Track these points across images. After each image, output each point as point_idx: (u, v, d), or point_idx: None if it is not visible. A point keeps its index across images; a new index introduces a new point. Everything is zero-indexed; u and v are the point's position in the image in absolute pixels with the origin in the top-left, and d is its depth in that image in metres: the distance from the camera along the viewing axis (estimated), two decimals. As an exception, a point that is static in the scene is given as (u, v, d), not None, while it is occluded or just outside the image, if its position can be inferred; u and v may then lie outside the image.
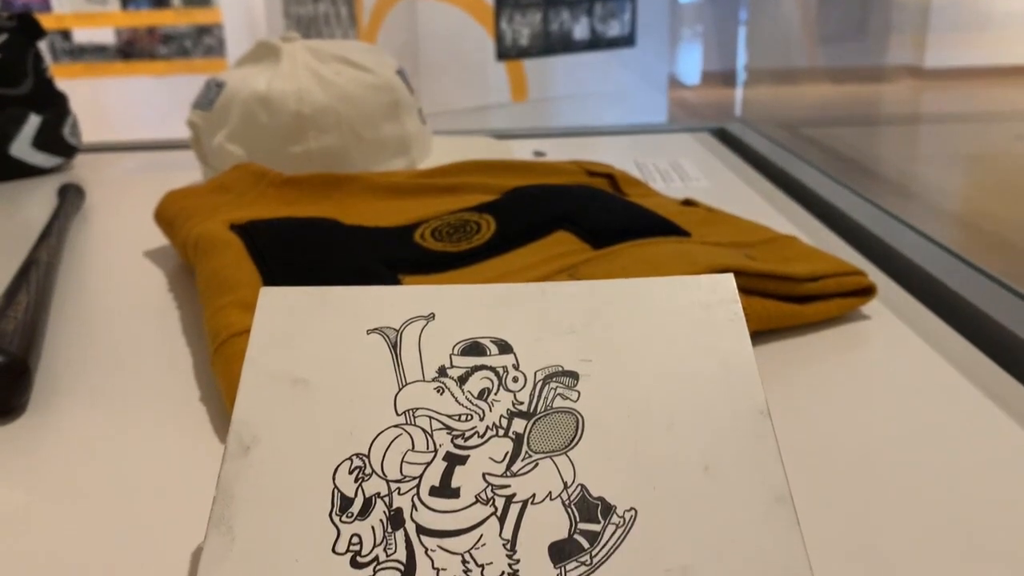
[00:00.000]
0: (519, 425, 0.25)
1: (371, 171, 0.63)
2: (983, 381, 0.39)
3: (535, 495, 0.24)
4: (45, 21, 0.85)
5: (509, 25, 1.71)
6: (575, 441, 0.25)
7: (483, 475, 0.24)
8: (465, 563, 0.23)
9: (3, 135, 0.80)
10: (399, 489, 0.24)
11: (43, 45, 0.85)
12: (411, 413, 0.26)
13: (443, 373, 0.26)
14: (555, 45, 1.77)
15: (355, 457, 0.25)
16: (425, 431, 0.25)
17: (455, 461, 0.25)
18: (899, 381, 0.39)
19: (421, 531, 0.23)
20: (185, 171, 0.79)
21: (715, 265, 0.41)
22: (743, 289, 0.41)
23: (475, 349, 0.27)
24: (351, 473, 0.24)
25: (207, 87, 0.69)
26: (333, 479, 0.24)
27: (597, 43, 1.83)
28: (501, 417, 0.25)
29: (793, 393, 0.38)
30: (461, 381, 0.26)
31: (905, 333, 0.44)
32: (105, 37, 2.11)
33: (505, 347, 0.27)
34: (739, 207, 0.62)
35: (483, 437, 0.25)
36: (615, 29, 1.84)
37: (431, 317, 0.28)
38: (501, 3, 1.67)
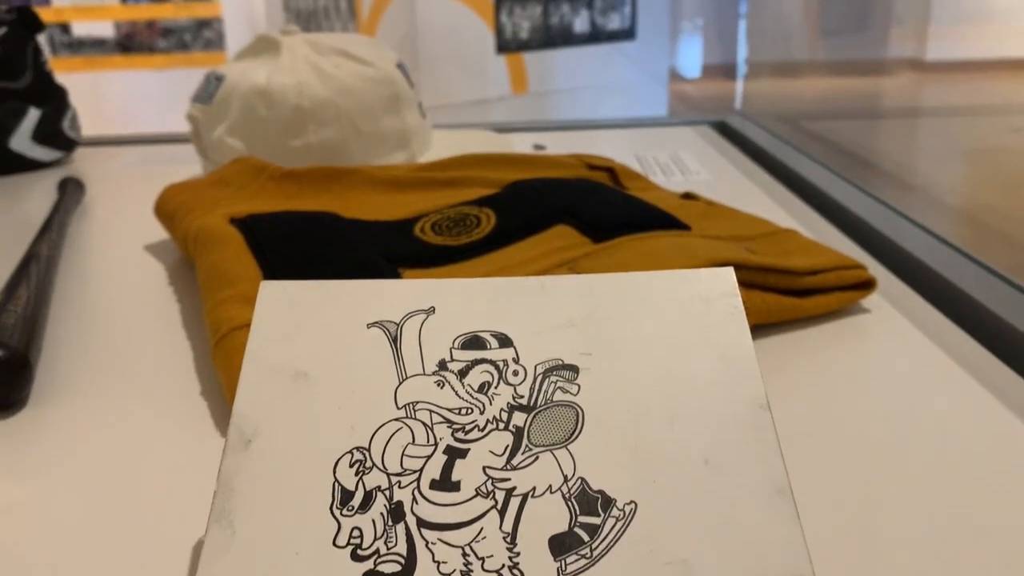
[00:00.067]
0: (519, 418, 0.25)
1: (371, 165, 0.63)
2: (983, 374, 0.39)
3: (535, 488, 0.24)
4: (44, 14, 0.85)
5: (509, 18, 1.71)
6: (575, 434, 0.25)
7: (483, 468, 0.24)
8: (465, 556, 0.23)
9: (3, 129, 0.80)
10: (399, 482, 0.24)
11: (42, 38, 0.85)
12: (411, 407, 0.26)
13: (443, 367, 0.26)
14: (555, 38, 1.77)
15: (356, 450, 0.25)
16: (425, 424, 0.25)
17: (455, 454, 0.25)
18: (899, 374, 0.39)
19: (422, 524, 0.23)
20: (185, 165, 0.79)
21: (715, 259, 0.41)
22: (743, 283, 0.41)
23: (475, 343, 0.27)
24: (352, 466, 0.24)
25: (207, 81, 0.69)
26: (334, 472, 0.24)
27: (597, 36, 1.82)
28: (501, 411, 0.25)
29: (793, 386, 0.38)
30: (461, 375, 0.26)
31: (905, 326, 0.44)
32: (104, 30, 2.11)
33: (505, 341, 0.27)
34: (739, 200, 0.62)
35: (483, 430, 0.25)
36: (615, 22, 1.84)
37: (431, 311, 0.28)
38: (501, -4, 1.66)
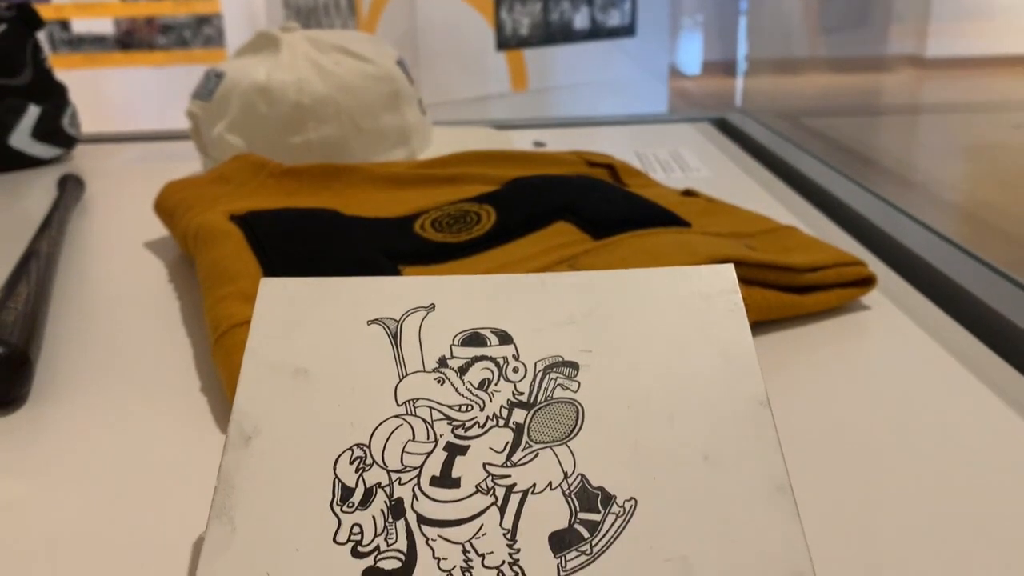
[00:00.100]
0: (519, 415, 0.25)
1: (371, 162, 0.63)
2: (983, 371, 0.39)
3: (535, 485, 0.24)
4: (44, 11, 0.85)
5: (509, 15, 1.70)
6: (575, 431, 0.25)
7: (483, 465, 0.24)
8: (465, 553, 0.23)
9: (2, 126, 0.80)
10: (400, 479, 0.24)
11: (42, 35, 0.85)
12: (411, 403, 0.26)
13: (443, 364, 0.26)
14: (555, 35, 1.77)
15: (356, 447, 0.25)
16: (425, 421, 0.25)
17: (455, 451, 0.25)
18: (899, 371, 0.39)
19: (422, 521, 0.23)
20: (185, 162, 0.79)
21: (715, 255, 0.41)
22: (743, 279, 0.41)
23: (475, 340, 0.27)
24: (352, 463, 0.25)
25: (206, 77, 0.69)
26: (334, 469, 0.24)
27: (597, 33, 1.82)
28: (501, 407, 0.25)
29: (793, 383, 0.38)
30: (461, 372, 0.26)
31: (905, 323, 0.44)
32: (104, 27, 2.10)
33: (505, 338, 0.27)
34: (739, 197, 0.62)
35: (483, 427, 0.25)
36: (615, 19, 1.83)
37: (431, 308, 0.28)
38: (501, -7, 1.66)
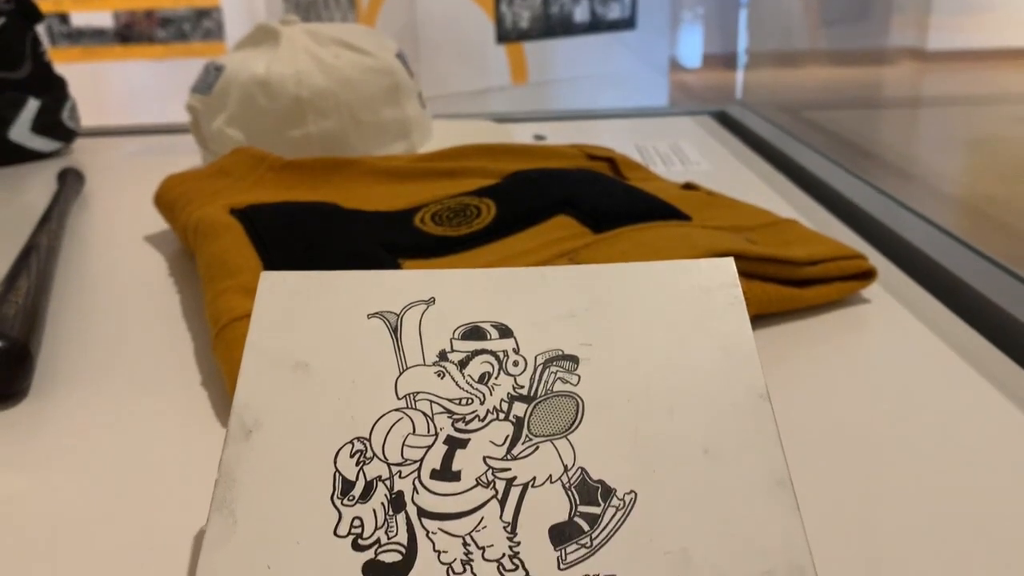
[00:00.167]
0: (519, 409, 0.25)
1: (371, 155, 0.63)
2: (983, 364, 0.39)
3: (535, 478, 0.24)
4: (43, 4, 0.85)
5: (509, 7, 1.70)
6: (575, 425, 0.25)
7: (484, 458, 0.24)
8: (466, 545, 0.23)
9: (2, 119, 0.80)
10: (400, 472, 0.24)
11: (41, 28, 0.84)
12: (412, 397, 0.26)
13: (444, 357, 0.26)
14: (555, 27, 1.77)
15: (356, 441, 0.25)
16: (426, 415, 0.25)
17: (456, 444, 0.25)
18: (899, 365, 0.39)
19: (422, 514, 0.23)
20: (184, 155, 0.79)
21: (715, 249, 0.41)
22: (743, 273, 0.41)
23: (475, 333, 0.27)
24: (352, 456, 0.25)
25: (206, 71, 0.69)
26: (334, 462, 0.24)
27: (597, 25, 1.82)
28: (501, 401, 0.25)
29: (793, 377, 0.38)
30: (462, 365, 0.26)
31: (905, 317, 0.44)
32: (103, 20, 2.10)
33: (505, 331, 0.27)
34: (740, 191, 0.62)
35: (483, 421, 0.25)
36: (615, 11, 1.83)
37: (431, 301, 0.28)
38: (501, -15, 1.66)
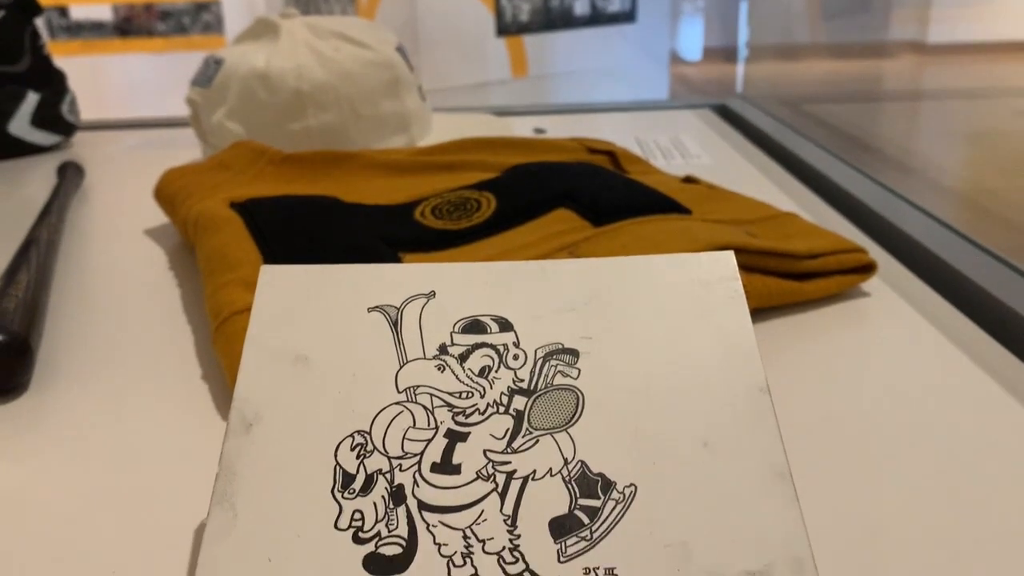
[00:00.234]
0: (519, 402, 0.25)
1: (371, 148, 0.63)
2: (982, 357, 0.39)
3: (535, 471, 0.24)
4: (42, -3, 0.85)
5: (509, 1, 1.70)
6: (575, 418, 0.25)
7: (484, 452, 0.24)
8: (466, 538, 0.23)
9: (1, 113, 0.80)
10: (400, 466, 0.24)
11: (40, 22, 0.84)
12: (412, 390, 0.26)
13: (444, 351, 0.27)
14: (555, 21, 1.76)
15: (357, 434, 0.25)
16: (426, 408, 0.25)
17: (456, 438, 0.25)
18: (899, 358, 0.39)
19: (423, 507, 0.24)
20: (184, 149, 0.79)
21: (715, 242, 0.41)
22: (743, 266, 0.41)
23: (475, 327, 0.27)
24: (353, 450, 0.25)
25: (205, 64, 0.68)
26: (335, 456, 0.25)
27: (598, 19, 1.81)
28: (502, 394, 0.26)
29: (793, 370, 0.38)
30: (462, 359, 0.26)
31: (905, 310, 0.44)
32: (102, 14, 2.09)
33: (505, 325, 0.27)
34: (740, 184, 0.62)
35: (484, 414, 0.25)
36: (615, 4, 1.83)
37: (431, 295, 0.28)
38: (501, -22, 1.65)
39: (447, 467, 0.24)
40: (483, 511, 0.23)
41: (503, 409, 0.25)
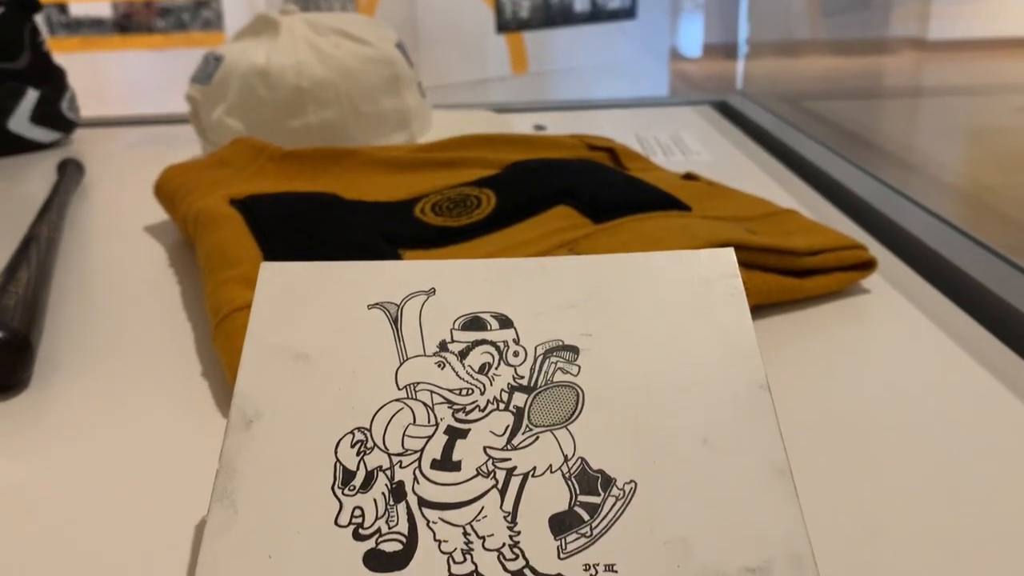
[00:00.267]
0: (520, 399, 0.25)
1: (371, 145, 0.63)
2: (982, 354, 0.39)
3: (536, 468, 0.24)
4: (41, -6, 0.84)
5: (509, -3, 1.69)
6: (575, 415, 0.25)
7: (484, 448, 0.24)
8: (466, 535, 0.23)
9: (1, 110, 0.80)
10: (401, 462, 0.24)
11: (40, 19, 0.84)
12: (412, 387, 0.26)
13: (444, 348, 0.27)
14: (555, 17, 1.76)
15: (357, 431, 0.25)
16: (426, 405, 0.25)
17: (456, 435, 0.25)
18: (899, 354, 0.39)
19: (423, 504, 0.24)
20: (184, 145, 0.79)
21: (715, 239, 0.41)
22: (743, 263, 0.41)
23: (476, 324, 0.27)
24: (353, 447, 0.25)
25: (205, 61, 0.68)
26: (335, 452, 0.25)
27: (598, 15, 1.81)
28: (502, 391, 0.26)
29: (793, 367, 0.38)
30: (462, 356, 0.26)
31: (905, 307, 0.44)
32: (102, 10, 2.09)
33: (505, 322, 0.27)
34: (740, 181, 0.62)
35: (484, 411, 0.25)
36: (616, 1, 1.82)
37: (432, 292, 0.28)
38: (501, -25, 1.65)
39: (447, 464, 0.24)
40: (483, 508, 0.23)
41: (503, 406, 0.25)
